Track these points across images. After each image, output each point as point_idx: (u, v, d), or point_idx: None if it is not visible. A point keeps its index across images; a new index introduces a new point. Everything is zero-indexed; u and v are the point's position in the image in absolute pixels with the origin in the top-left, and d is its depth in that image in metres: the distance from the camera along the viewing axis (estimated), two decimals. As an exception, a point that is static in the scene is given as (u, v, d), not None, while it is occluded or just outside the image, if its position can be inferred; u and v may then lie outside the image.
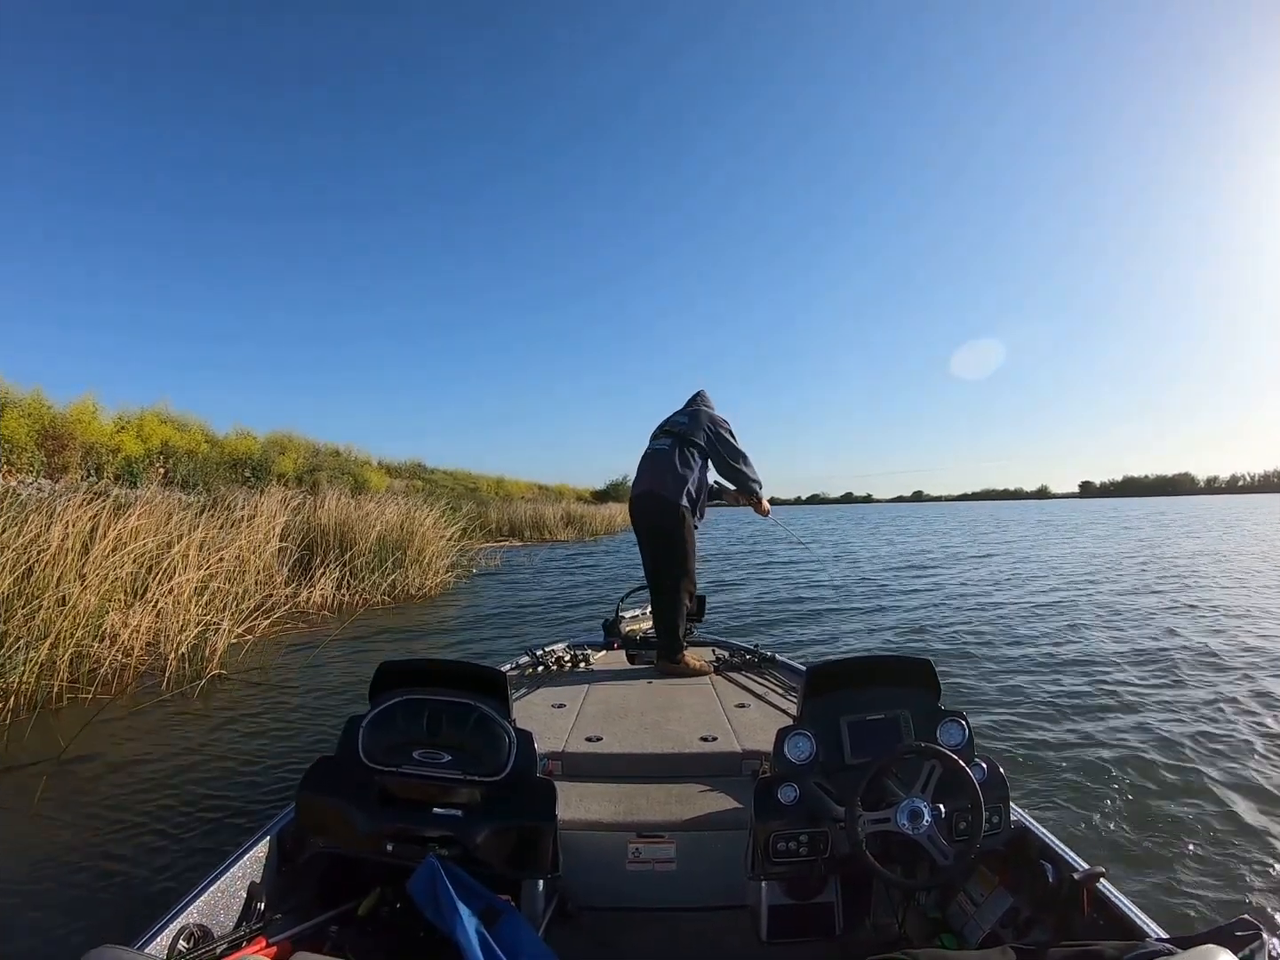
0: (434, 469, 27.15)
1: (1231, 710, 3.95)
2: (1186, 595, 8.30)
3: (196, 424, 14.08)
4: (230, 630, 5.32)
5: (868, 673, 1.67)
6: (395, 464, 24.56)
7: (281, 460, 15.45)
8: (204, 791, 2.96)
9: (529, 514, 21.32)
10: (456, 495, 20.49)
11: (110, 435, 10.85)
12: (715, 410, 3.21)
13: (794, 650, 5.27)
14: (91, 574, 4.82)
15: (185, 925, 1.24)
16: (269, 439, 16.89)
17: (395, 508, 9.90)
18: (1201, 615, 7.02)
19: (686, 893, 1.65)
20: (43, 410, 10.12)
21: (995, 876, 1.54)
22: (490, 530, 18.35)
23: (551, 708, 2.42)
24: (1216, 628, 6.33)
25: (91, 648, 4.71)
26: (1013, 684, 4.54)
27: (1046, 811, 2.66)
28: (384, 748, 1.52)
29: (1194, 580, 9.71)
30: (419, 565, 9.22)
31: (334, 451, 19.88)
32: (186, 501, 8.27)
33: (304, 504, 9.65)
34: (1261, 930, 0.98)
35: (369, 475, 18.24)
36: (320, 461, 17.50)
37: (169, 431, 12.37)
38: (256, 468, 14.13)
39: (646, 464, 3.14)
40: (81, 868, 2.31)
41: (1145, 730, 3.64)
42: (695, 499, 3.04)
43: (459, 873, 1.34)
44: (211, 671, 4.82)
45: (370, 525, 9.03)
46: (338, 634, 5.95)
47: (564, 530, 20.78)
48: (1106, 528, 25.61)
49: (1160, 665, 5.01)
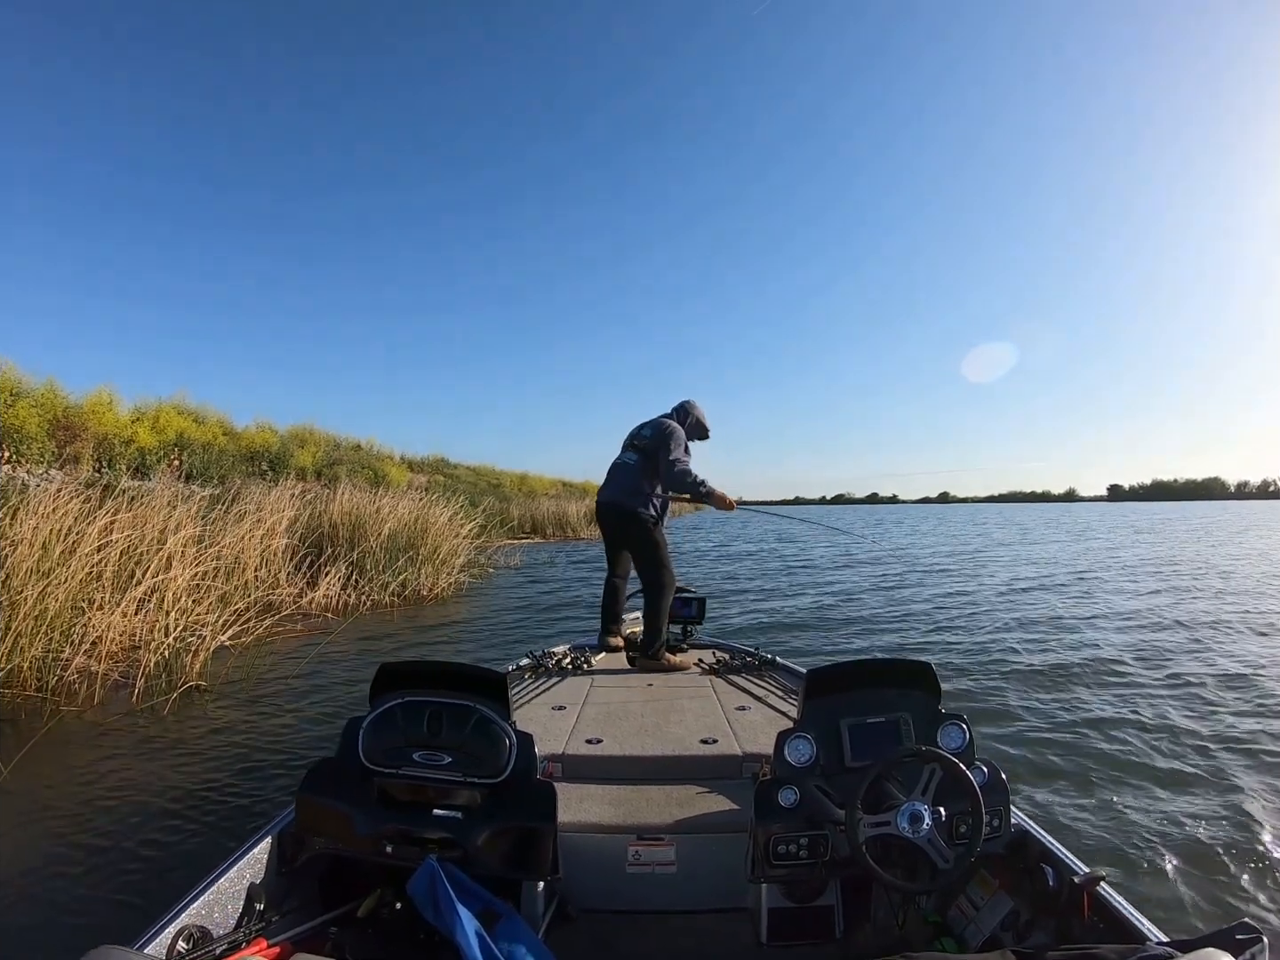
0: (456, 464, 26.91)
1: (1234, 713, 3.89)
2: (1198, 603, 8.09)
3: (215, 416, 13.96)
4: (214, 635, 4.89)
5: (868, 676, 1.65)
6: (417, 459, 24.38)
7: (300, 454, 15.23)
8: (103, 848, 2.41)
9: (552, 511, 21.04)
10: (479, 491, 20.19)
11: (124, 427, 10.66)
12: (699, 418, 3.39)
13: (794, 653, 5.16)
14: (62, 570, 4.42)
15: (185, 926, 1.23)
16: (289, 432, 16.73)
17: (408, 502, 9.48)
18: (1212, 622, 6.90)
19: (686, 895, 1.64)
20: (56, 401, 9.94)
21: (995, 880, 1.53)
22: (512, 527, 18.04)
23: (552, 710, 2.40)
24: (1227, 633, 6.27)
25: (61, 653, 4.32)
26: (1013, 686, 4.51)
27: (1047, 815, 2.63)
28: (384, 749, 1.51)
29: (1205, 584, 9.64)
30: (432, 564, 8.80)
31: (355, 446, 19.70)
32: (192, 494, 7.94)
33: (316, 497, 9.32)
34: (1262, 934, 0.96)
35: (389, 470, 17.96)
36: (340, 455, 17.28)
37: (185, 423, 12.19)
38: (274, 461, 13.90)
39: (614, 474, 3.38)
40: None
41: (1146, 733, 3.60)
42: (660, 509, 3.28)
43: (459, 875, 1.33)
44: (187, 683, 4.38)
45: (382, 521, 8.64)
46: (331, 640, 5.48)
47: (588, 528, 20.29)
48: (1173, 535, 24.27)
49: (1161, 665, 4.97)
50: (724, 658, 3.17)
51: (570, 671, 2.97)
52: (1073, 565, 12.61)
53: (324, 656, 5.14)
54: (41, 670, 4.19)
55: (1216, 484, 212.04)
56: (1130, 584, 9.76)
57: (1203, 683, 4.54)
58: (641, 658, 3.09)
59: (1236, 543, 18.76)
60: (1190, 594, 8.72)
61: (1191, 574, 10.97)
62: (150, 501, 6.23)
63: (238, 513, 7.26)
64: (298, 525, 8.18)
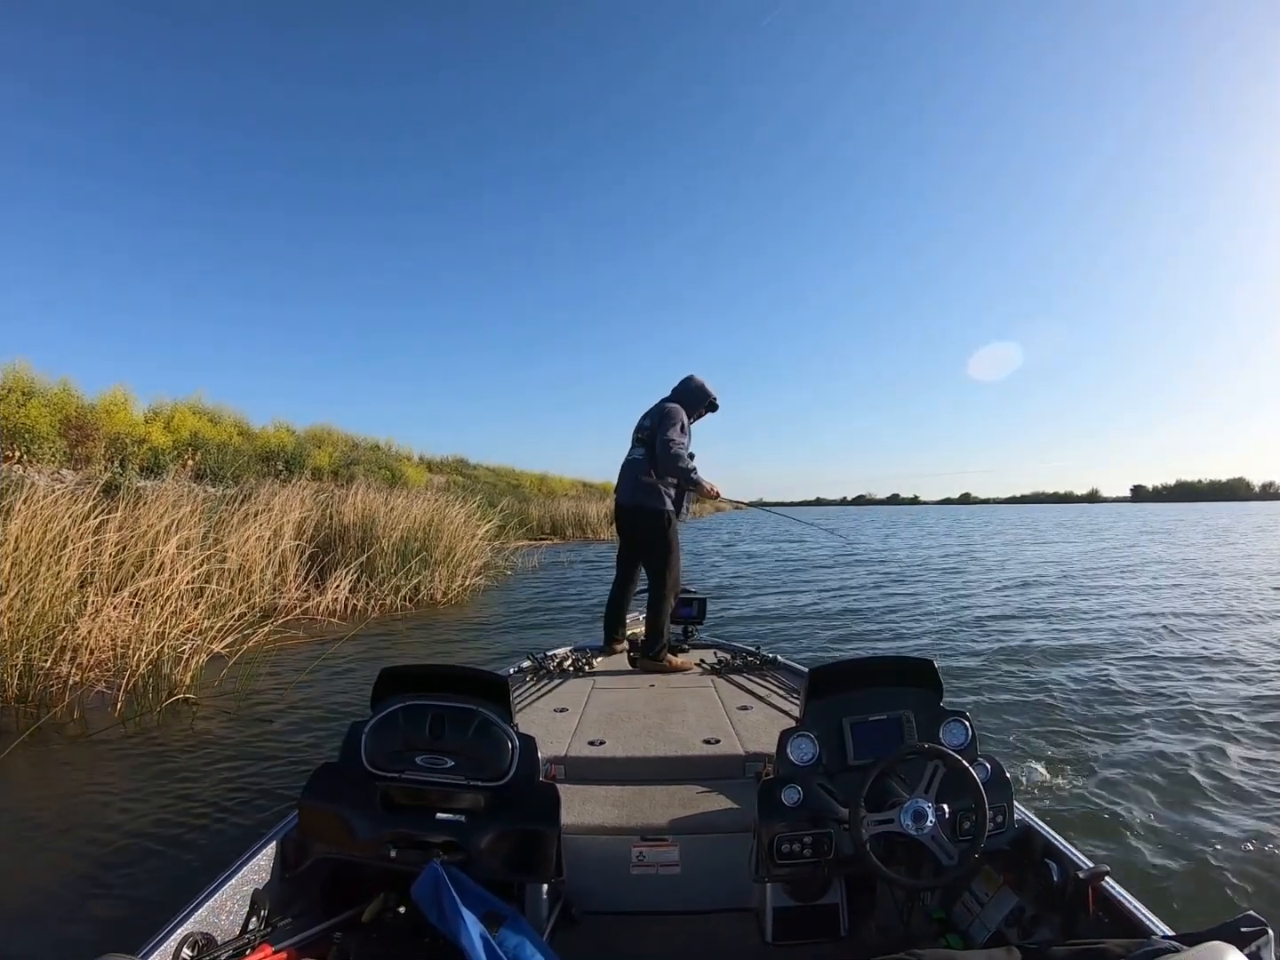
0: (476, 465, 26.78)
1: (1237, 709, 3.87)
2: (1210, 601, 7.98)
3: (231, 416, 13.86)
4: (208, 643, 4.55)
5: (870, 674, 1.65)
6: (437, 459, 24.26)
7: (317, 454, 15.07)
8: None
9: (571, 511, 20.78)
10: (498, 492, 19.93)
11: (137, 426, 10.54)
12: (700, 386, 3.24)
13: (795, 652, 5.14)
14: (45, 572, 4.12)
15: (189, 933, 1.22)
16: (307, 433, 16.64)
17: (422, 503, 9.14)
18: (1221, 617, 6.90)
19: (691, 896, 1.64)
20: (69, 400, 9.83)
21: (1000, 876, 1.52)
22: (531, 528, 17.76)
23: (554, 712, 2.39)
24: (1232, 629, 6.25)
25: (43, 663, 4.02)
26: (1014, 684, 4.47)
27: (1050, 810, 2.59)
28: (386, 753, 1.50)
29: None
30: (446, 566, 8.45)
31: (373, 446, 19.57)
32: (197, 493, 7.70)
33: (330, 497, 9.04)
34: (1268, 926, 0.94)
35: (407, 470, 17.78)
36: (357, 455, 17.12)
37: (200, 423, 12.08)
38: (290, 461, 13.74)
39: (624, 473, 3.30)
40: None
41: (1147, 728, 3.59)
42: (677, 502, 3.19)
43: (462, 878, 1.32)
44: (174, 696, 4.05)
45: (395, 521, 8.32)
46: (334, 649, 5.12)
47: (608, 529, 19.95)
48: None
49: (1162, 664, 4.92)
50: (725, 657, 3.16)
51: (572, 673, 2.95)
52: (1074, 565, 12.54)
53: (324, 667, 4.80)
54: (24, 678, 3.91)
55: (1241, 484, 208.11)
56: (1132, 582, 9.67)
57: (1203, 680, 4.46)
58: (643, 659, 3.06)
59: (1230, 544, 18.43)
60: (1189, 590, 8.67)
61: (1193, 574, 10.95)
62: (150, 501, 5.97)
63: (243, 513, 6.98)
64: (306, 526, 7.89)
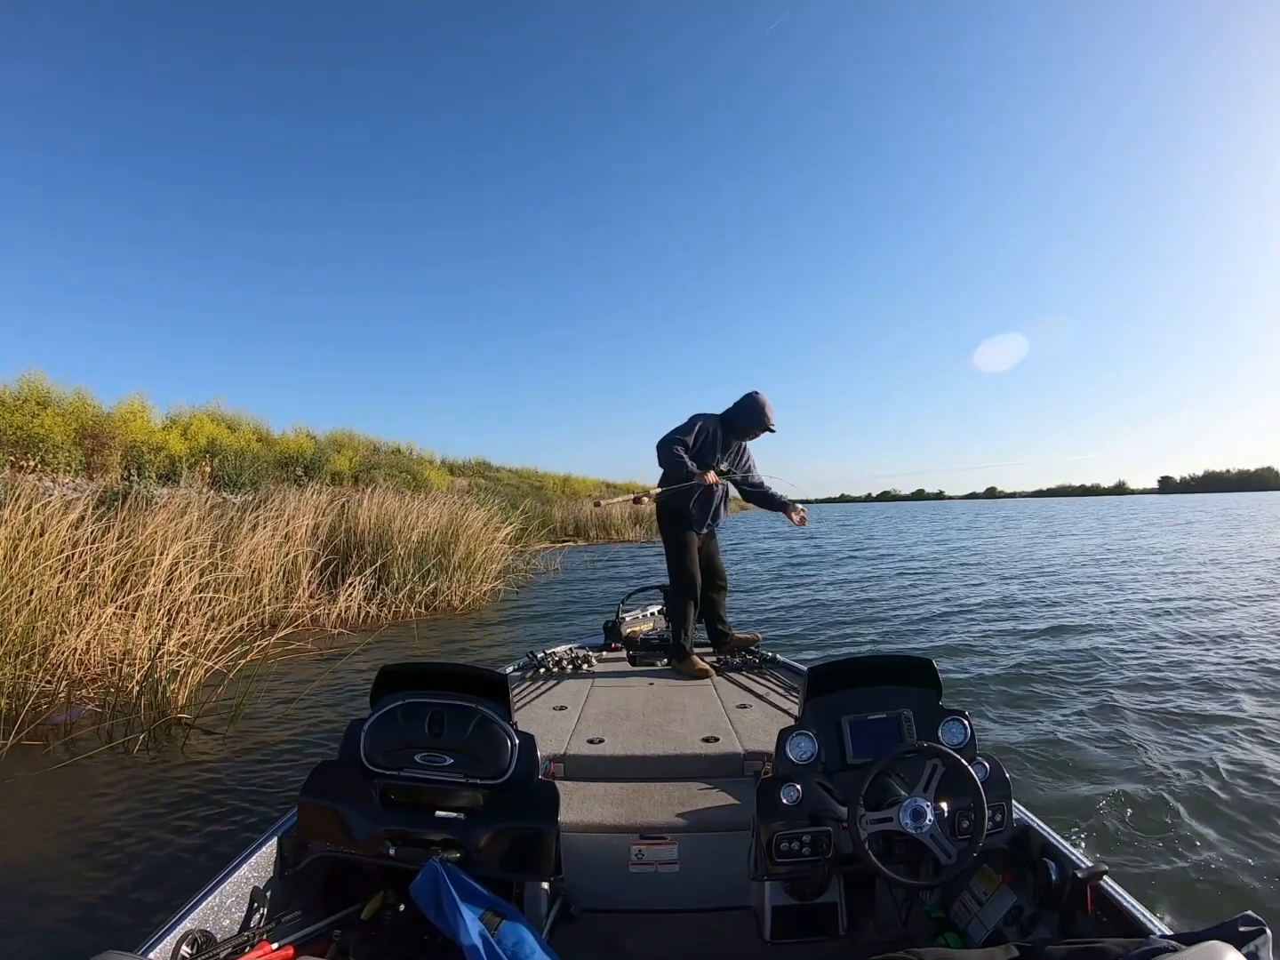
0: (499, 467, 26.62)
1: (1237, 707, 3.85)
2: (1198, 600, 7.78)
3: (249, 422, 13.78)
4: (206, 657, 4.23)
5: (869, 672, 1.64)
6: (459, 462, 24.12)
7: (337, 458, 14.92)
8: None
9: (595, 512, 20.37)
10: (521, 494, 19.66)
11: (155, 434, 10.44)
12: (762, 411, 3.18)
13: (795, 650, 5.05)
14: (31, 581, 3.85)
15: (189, 931, 1.21)
16: (328, 438, 16.56)
17: (439, 506, 8.83)
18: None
19: (689, 894, 1.63)
20: (85, 409, 9.75)
21: (998, 875, 1.52)
22: (553, 530, 17.43)
23: (553, 710, 2.38)
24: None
25: (27, 681, 3.74)
26: (1014, 683, 4.45)
27: (1049, 810, 2.51)
28: (385, 751, 1.50)
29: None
30: (465, 570, 8.12)
31: (394, 449, 19.45)
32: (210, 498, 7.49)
33: (346, 502, 8.77)
34: (1266, 926, 0.94)
35: (429, 473, 17.59)
36: (378, 459, 16.98)
37: (218, 430, 11.97)
38: (309, 466, 13.58)
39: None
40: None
41: (1146, 727, 3.57)
42: (691, 504, 3.14)
43: (462, 876, 1.30)
44: (166, 717, 3.72)
45: (411, 525, 8.01)
46: (344, 662, 4.77)
47: (632, 529, 19.56)
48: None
49: (1162, 662, 4.89)
50: (724, 656, 3.17)
51: (571, 672, 2.94)
52: (1076, 560, 12.43)
53: (332, 683, 4.45)
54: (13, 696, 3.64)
55: (1269, 474, 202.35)
56: (1132, 582, 9.45)
57: (1204, 682, 4.41)
58: (672, 661, 3.06)
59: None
60: (1193, 590, 8.47)
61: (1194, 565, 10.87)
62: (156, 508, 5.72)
63: (253, 520, 6.71)
64: (320, 531, 7.61)
